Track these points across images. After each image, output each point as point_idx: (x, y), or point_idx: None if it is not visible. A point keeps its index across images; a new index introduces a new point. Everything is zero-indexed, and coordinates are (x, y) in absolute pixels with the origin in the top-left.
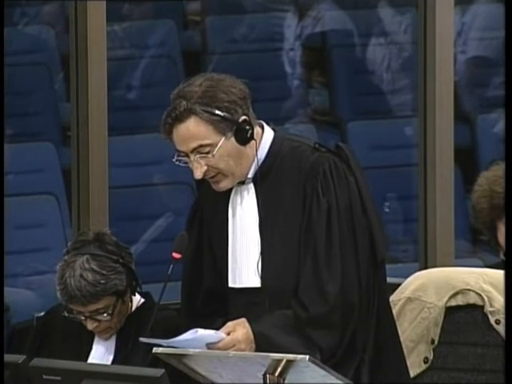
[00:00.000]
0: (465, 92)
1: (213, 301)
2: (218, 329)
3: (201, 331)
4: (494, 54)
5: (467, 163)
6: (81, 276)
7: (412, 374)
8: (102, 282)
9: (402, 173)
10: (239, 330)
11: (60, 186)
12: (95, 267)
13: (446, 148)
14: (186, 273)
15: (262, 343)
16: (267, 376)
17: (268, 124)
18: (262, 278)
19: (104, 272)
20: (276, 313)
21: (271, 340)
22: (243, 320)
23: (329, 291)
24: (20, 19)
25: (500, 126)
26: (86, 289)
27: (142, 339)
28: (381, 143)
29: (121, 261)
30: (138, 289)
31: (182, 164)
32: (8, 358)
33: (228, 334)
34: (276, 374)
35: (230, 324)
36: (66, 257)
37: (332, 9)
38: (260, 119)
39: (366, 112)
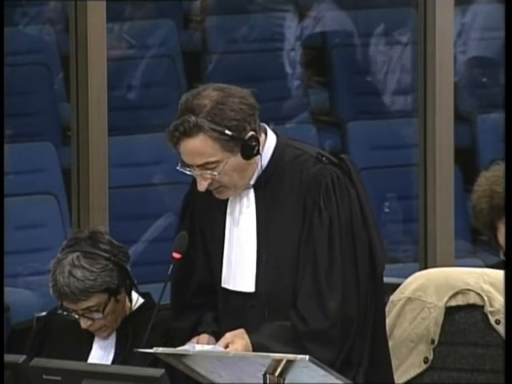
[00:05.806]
0: (465, 92)
1: (203, 293)
2: (210, 326)
3: (198, 347)
4: (493, 54)
5: (467, 163)
6: (69, 273)
7: (412, 374)
8: (91, 278)
9: (402, 173)
10: (238, 341)
11: (60, 186)
12: (85, 264)
13: (446, 148)
14: (178, 265)
15: None
16: (267, 376)
17: (268, 124)
18: (256, 284)
19: (93, 269)
20: (274, 323)
21: (269, 351)
22: (242, 331)
23: (329, 306)
24: (20, 19)
25: (500, 126)
26: (75, 285)
27: (136, 350)
28: (381, 143)
29: (112, 258)
30: (135, 288)
31: (186, 172)
32: (8, 358)
33: (227, 345)
34: (276, 374)
35: (228, 336)
36: (59, 254)
37: (332, 9)
38: (260, 119)
39: (365, 112)
